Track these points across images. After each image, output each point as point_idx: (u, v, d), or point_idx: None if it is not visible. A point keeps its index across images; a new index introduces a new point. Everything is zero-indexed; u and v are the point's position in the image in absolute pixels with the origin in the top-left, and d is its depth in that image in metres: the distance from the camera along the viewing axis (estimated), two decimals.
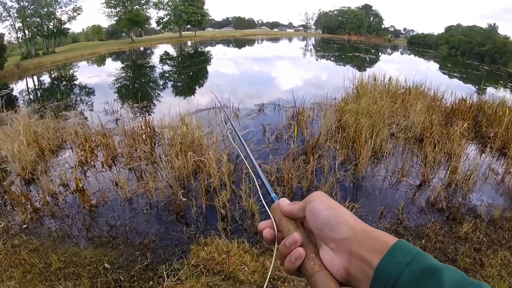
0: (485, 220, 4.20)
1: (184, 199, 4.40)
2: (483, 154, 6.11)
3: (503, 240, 3.83)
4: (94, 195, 4.70)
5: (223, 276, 3.13)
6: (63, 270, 3.34)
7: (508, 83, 17.01)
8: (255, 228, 3.82)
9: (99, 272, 3.29)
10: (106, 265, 3.38)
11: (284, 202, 0.61)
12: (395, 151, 6.13)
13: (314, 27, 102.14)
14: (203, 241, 3.63)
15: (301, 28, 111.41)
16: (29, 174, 5.30)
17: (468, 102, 8.39)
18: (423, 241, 3.79)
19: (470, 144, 6.64)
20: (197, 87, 15.05)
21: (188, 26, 62.97)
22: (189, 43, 53.03)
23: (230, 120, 0.96)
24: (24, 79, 21.59)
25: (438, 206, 4.44)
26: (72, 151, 6.28)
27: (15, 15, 37.00)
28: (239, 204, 4.24)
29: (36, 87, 18.71)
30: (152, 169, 5.14)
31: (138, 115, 8.77)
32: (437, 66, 29.59)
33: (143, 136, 6.29)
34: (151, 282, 3.12)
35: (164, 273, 3.20)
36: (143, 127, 6.75)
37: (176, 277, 3.15)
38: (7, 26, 38.08)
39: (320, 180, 4.86)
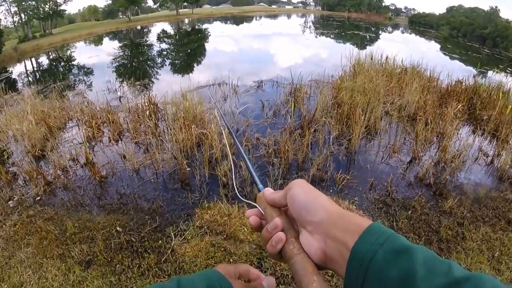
0: (470, 197, 4.38)
1: (188, 169, 4.72)
2: (474, 136, 6.25)
3: (486, 218, 4.01)
4: (103, 167, 4.99)
5: (225, 236, 3.45)
6: (78, 234, 3.61)
7: (508, 68, 16.91)
8: (254, 194, 4.11)
9: (112, 234, 3.59)
10: (118, 228, 3.67)
11: (268, 191, 0.65)
12: (388, 129, 6.33)
13: (314, 3, 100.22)
14: (206, 206, 3.94)
15: (300, 4, 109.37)
16: (39, 151, 5.53)
17: (464, 84, 8.47)
18: (409, 212, 4.00)
19: (463, 126, 6.79)
20: (196, 65, 15.12)
21: (185, 3, 62.01)
22: (186, 21, 52.27)
23: (224, 119, 1.02)
24: (23, 62, 21.53)
25: (426, 182, 4.66)
26: (79, 128, 6.50)
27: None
28: (239, 173, 4.53)
29: (37, 69, 18.71)
30: (157, 142, 5.40)
31: (140, 92, 8.98)
32: (437, 46, 29.24)
33: (147, 112, 6.55)
34: (160, 242, 3.44)
35: (172, 234, 3.51)
36: (147, 104, 6.99)
37: (183, 237, 3.47)
38: (2, 11, 37.74)
39: (314, 152, 5.11)
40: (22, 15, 37.61)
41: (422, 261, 0.41)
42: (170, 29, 38.90)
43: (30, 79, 14.63)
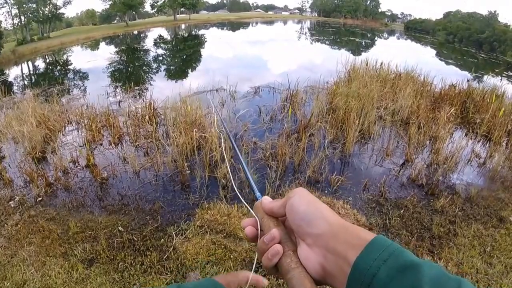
0: (462, 197, 4.53)
1: (188, 171, 4.86)
2: (467, 138, 6.41)
3: (478, 216, 4.14)
4: (104, 169, 5.09)
5: (224, 234, 3.58)
6: (81, 234, 3.70)
7: (504, 71, 17.05)
8: (252, 196, 4.22)
9: (114, 234, 3.69)
10: (120, 228, 3.77)
11: (266, 200, 0.62)
12: (381, 132, 6.50)
13: (310, 10, 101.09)
14: (206, 206, 4.07)
15: (297, 11, 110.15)
16: (40, 153, 5.60)
17: (457, 88, 8.60)
18: (401, 211, 4.15)
19: (457, 129, 6.95)
20: (193, 71, 15.26)
21: (183, 9, 62.23)
22: (183, 26, 52.44)
23: (223, 123, 1.04)
24: (20, 65, 21.44)
25: (418, 183, 4.81)
26: (78, 131, 6.62)
27: (12, 1, 36.54)
28: (238, 175, 4.66)
29: (34, 72, 18.69)
30: (157, 145, 5.52)
31: (139, 97, 9.08)
32: (433, 52, 29.54)
33: (147, 116, 6.66)
34: (162, 240, 3.56)
35: (173, 233, 3.64)
36: (146, 108, 7.09)
37: (184, 236, 3.59)
38: (3, 13, 37.66)
39: (310, 155, 5.25)
40: (22, 18, 37.54)
41: (429, 279, 0.38)
42: (167, 35, 39.08)
43: (27, 82, 14.61)
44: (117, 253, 3.39)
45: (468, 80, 9.02)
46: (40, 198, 4.46)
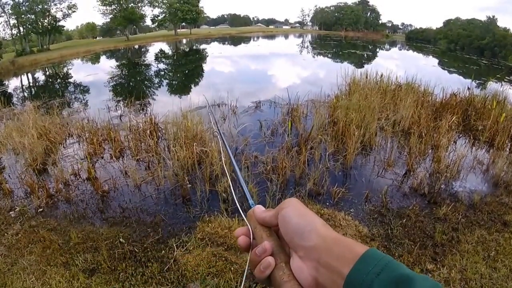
0: (465, 204, 4.53)
1: (189, 185, 4.90)
2: (470, 145, 6.50)
3: (482, 222, 4.14)
4: (105, 182, 5.13)
5: (225, 247, 3.61)
6: (82, 244, 3.72)
7: (506, 76, 17.21)
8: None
9: (115, 245, 3.71)
10: (121, 239, 3.79)
11: (259, 209, 0.61)
12: (383, 143, 6.55)
13: (311, 23, 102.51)
14: (207, 219, 4.10)
15: (298, 24, 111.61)
16: (40, 165, 5.65)
17: (458, 96, 8.70)
18: (403, 220, 4.15)
19: (459, 137, 7.04)
20: (195, 86, 15.42)
21: (183, 23, 62.95)
22: (184, 41, 53.00)
23: (217, 126, 1.04)
24: (20, 76, 21.51)
25: (420, 192, 4.83)
26: (79, 144, 6.68)
27: (10, 11, 36.83)
28: (239, 188, 4.68)
29: (35, 84, 18.76)
30: (158, 159, 5.56)
31: (140, 112, 9.18)
32: (435, 61, 29.78)
33: (148, 131, 6.73)
34: (163, 252, 3.59)
35: (174, 245, 3.66)
36: (147, 123, 7.17)
37: (185, 248, 3.61)
38: (1, 22, 37.92)
39: (311, 168, 5.30)
40: (21, 28, 37.79)
41: None
42: (168, 49, 39.37)
43: (27, 94, 14.71)
44: (118, 264, 3.41)
45: (468, 88, 9.06)
46: (41, 209, 4.49)
